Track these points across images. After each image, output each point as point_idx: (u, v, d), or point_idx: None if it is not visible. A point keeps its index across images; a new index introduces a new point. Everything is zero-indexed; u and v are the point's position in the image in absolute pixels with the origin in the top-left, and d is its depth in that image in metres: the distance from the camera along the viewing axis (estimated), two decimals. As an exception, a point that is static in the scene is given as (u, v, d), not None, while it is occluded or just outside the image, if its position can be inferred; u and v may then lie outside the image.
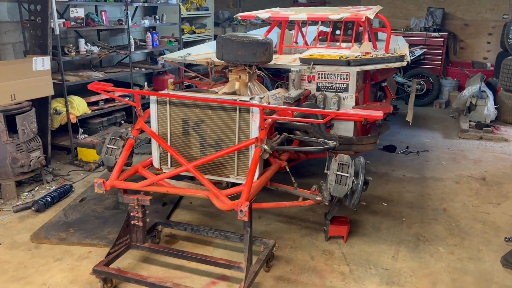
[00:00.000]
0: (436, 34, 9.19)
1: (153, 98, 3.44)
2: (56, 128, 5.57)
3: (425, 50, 9.03)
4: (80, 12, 5.58)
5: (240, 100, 3.19)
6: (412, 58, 8.84)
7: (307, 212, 4.42)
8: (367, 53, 4.72)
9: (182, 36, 7.99)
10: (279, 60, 4.66)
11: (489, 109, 7.02)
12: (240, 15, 5.42)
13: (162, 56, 4.81)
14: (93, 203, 4.46)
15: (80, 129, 5.79)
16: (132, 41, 6.37)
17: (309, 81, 4.30)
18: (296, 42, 6.16)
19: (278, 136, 3.59)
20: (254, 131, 3.21)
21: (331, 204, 3.61)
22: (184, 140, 3.46)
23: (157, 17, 6.89)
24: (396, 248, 3.83)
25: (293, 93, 3.82)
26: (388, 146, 6.36)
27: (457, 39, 9.73)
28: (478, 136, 6.79)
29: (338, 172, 3.28)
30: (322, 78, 4.26)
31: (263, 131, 3.15)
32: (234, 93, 3.96)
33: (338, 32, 5.86)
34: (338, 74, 4.20)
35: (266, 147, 3.07)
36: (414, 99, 5.17)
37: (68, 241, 3.80)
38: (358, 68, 4.07)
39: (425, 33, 9.24)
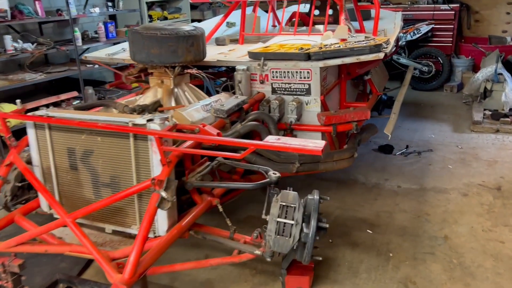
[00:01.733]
0: (445, 6, 7.95)
1: (29, 121, 2.53)
2: (-17, 143, 4.75)
3: (433, 25, 7.83)
4: (2, 4, 4.66)
5: (132, 124, 2.24)
6: (418, 36, 7.70)
7: (267, 248, 3.48)
8: (343, 39, 3.69)
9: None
10: (234, 54, 3.68)
11: (507, 95, 5.88)
12: (190, -3, 4.42)
13: (85, 55, 3.87)
14: None
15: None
16: (77, 33, 5.44)
17: (262, 82, 3.31)
18: (274, 26, 5.17)
19: (208, 163, 2.64)
20: (157, 167, 2.27)
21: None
22: (73, 177, 2.54)
23: (109, 4, 5.91)
24: (375, 304, 2.88)
25: (228, 103, 2.83)
26: (384, 146, 5.33)
27: (471, 10, 8.46)
28: (494, 129, 5.67)
29: (280, 219, 2.32)
30: (277, 77, 3.26)
31: (165, 168, 2.20)
32: (157, 103, 3.01)
33: (317, 12, 4.82)
34: (296, 72, 3.20)
35: (164, 194, 2.12)
36: (403, 95, 4.10)
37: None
38: (321, 64, 3.05)
39: (433, 6, 8.02)
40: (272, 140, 2.10)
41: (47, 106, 2.91)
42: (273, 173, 2.43)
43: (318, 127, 3.24)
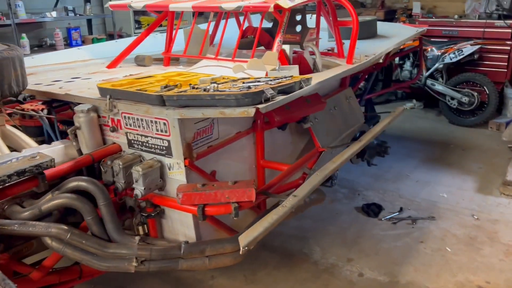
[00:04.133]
0: (500, 22, 6.34)
1: None
2: None
3: (480, 46, 6.26)
4: None
5: None
6: (459, 58, 6.18)
7: None
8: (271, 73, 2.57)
9: (138, 31, 6.26)
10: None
11: (559, 147, 4.31)
12: (110, 4, 3.51)
13: None
14: None
15: None
16: (24, 40, 4.76)
17: (113, 130, 2.29)
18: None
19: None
20: None
21: None
22: None
23: (69, 7, 5.17)
24: None
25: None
26: (370, 206, 4.04)
27: (538, 28, 6.73)
28: (533, 194, 4.15)
29: None
30: (131, 125, 2.23)
31: None
32: None
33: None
34: (151, 121, 2.14)
35: None
36: (336, 167, 2.72)
37: None
38: (177, 114, 1.97)
39: (485, 21, 6.44)
40: None
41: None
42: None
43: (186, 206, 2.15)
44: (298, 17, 3.54)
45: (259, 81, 2.10)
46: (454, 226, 3.74)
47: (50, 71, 3.26)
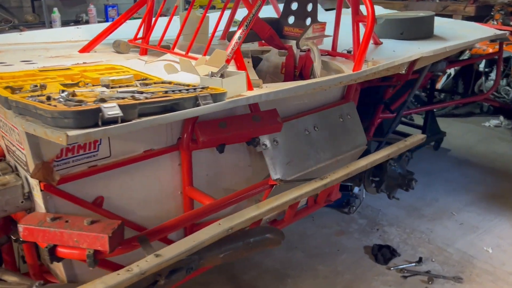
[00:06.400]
0: None
1: None
2: None
3: None
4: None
5: None
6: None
7: None
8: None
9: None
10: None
11: None
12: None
13: None
14: None
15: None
16: (56, 15, 4.66)
17: (-7, 130, 1.91)
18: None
19: None
20: None
21: None
22: None
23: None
24: None
25: None
26: (382, 248, 3.26)
27: None
28: None
29: None
30: (2, 128, 1.83)
31: None
32: None
33: (291, 20, 3.07)
34: (11, 128, 1.72)
35: None
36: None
37: None
38: (19, 124, 1.51)
39: None
40: None
41: None
42: None
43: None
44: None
45: (132, 92, 1.54)
46: (484, 296, 2.84)
47: (20, 50, 2.99)
